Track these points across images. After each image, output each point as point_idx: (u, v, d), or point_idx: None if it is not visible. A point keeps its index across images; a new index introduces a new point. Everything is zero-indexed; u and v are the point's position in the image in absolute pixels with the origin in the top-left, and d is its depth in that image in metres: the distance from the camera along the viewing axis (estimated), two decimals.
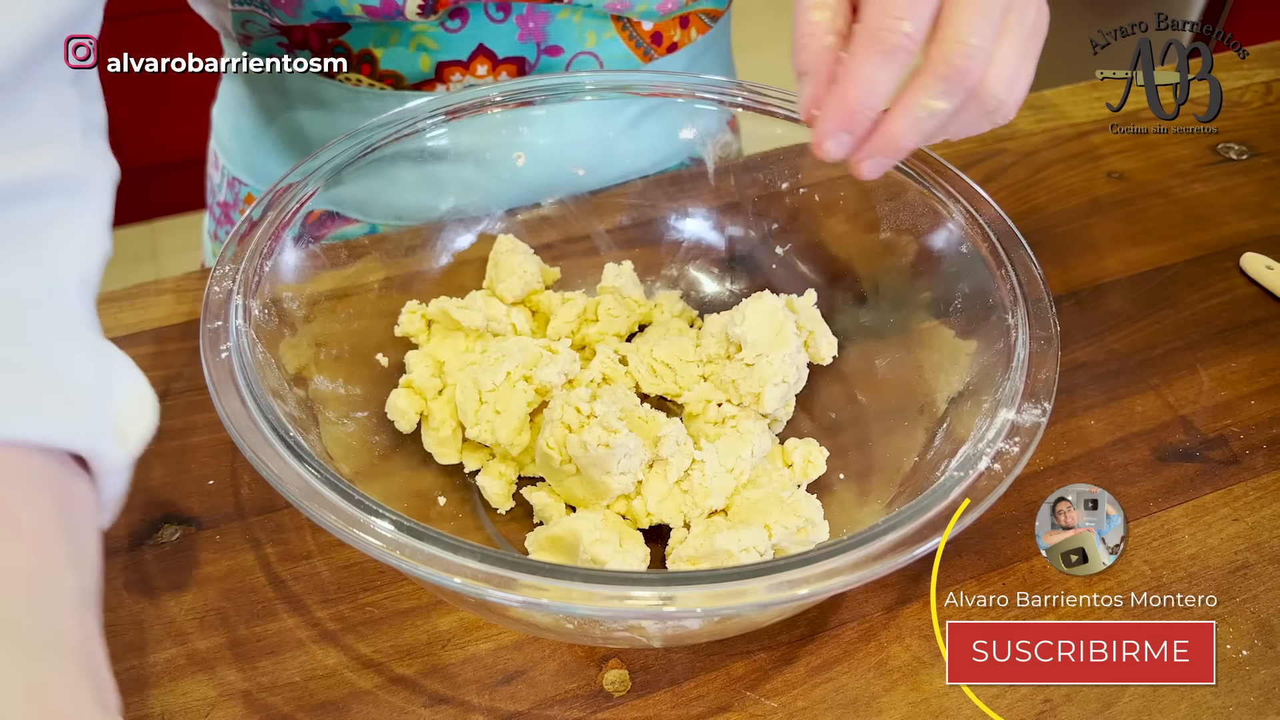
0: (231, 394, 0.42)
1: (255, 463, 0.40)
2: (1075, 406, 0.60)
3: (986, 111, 0.42)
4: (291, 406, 0.47)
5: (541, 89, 0.61)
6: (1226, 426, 0.59)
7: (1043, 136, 0.82)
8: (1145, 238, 0.73)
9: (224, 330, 0.45)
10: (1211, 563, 0.52)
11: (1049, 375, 0.46)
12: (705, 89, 0.62)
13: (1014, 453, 0.43)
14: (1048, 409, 0.45)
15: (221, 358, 0.44)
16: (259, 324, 0.48)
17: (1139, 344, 0.64)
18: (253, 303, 0.48)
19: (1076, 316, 0.66)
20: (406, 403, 0.54)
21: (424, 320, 0.58)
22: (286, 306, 0.51)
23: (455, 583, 0.37)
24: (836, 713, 0.46)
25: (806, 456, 0.54)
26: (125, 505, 0.52)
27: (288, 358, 0.50)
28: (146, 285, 0.65)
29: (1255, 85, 0.89)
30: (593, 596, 0.36)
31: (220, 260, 0.48)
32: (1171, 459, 0.57)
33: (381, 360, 0.57)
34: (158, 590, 0.49)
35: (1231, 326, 0.66)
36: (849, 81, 0.41)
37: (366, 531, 0.38)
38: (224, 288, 0.47)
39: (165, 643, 0.47)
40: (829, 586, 0.37)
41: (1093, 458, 0.57)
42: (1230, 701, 0.47)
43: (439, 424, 0.54)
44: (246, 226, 0.50)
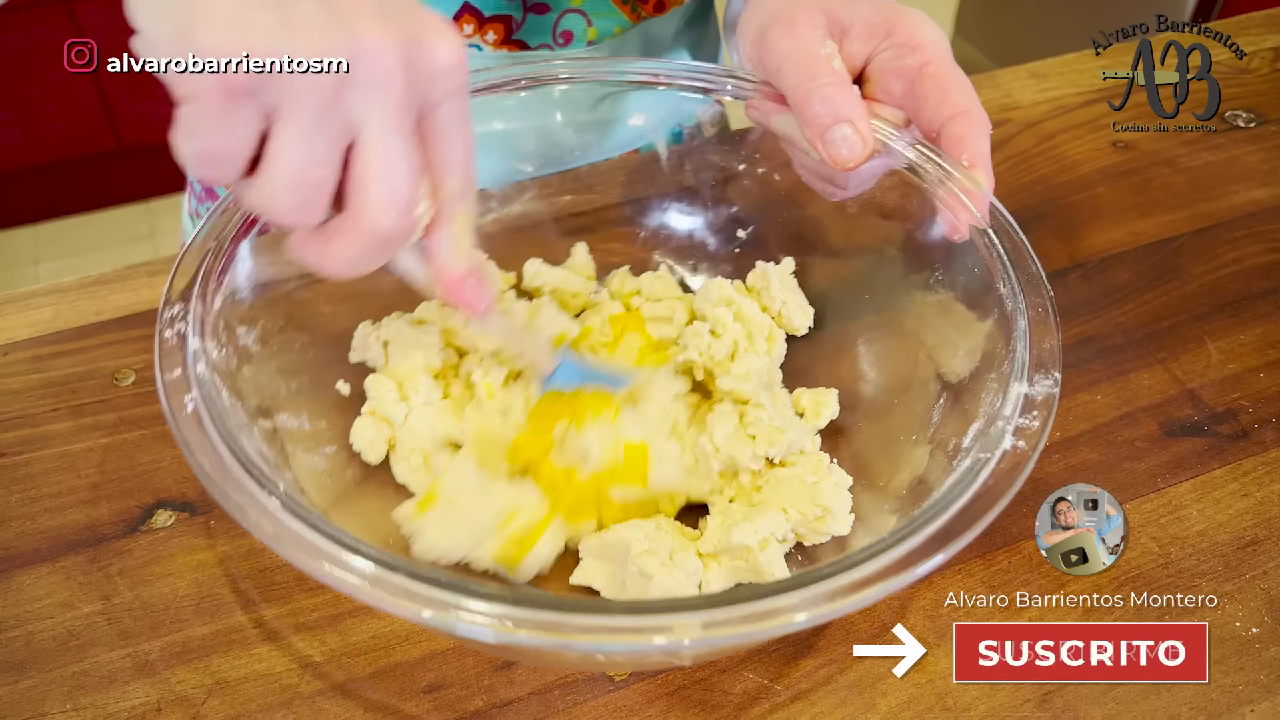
0: (208, 450, 0.39)
1: (255, 529, 0.36)
2: (1081, 381, 0.59)
3: None
4: (263, 447, 0.44)
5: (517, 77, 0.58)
6: (1235, 400, 0.58)
7: (1047, 106, 0.80)
8: (1152, 208, 0.71)
9: (185, 379, 0.41)
10: (1220, 539, 0.51)
11: (1052, 344, 0.45)
12: (686, 78, 0.58)
13: (1034, 427, 0.42)
14: (1058, 379, 0.44)
15: (189, 411, 0.40)
16: (218, 366, 0.44)
17: (1145, 316, 0.63)
18: (210, 345, 0.44)
19: (1082, 289, 0.65)
20: (373, 431, 0.51)
21: (380, 343, 0.54)
22: (243, 343, 0.47)
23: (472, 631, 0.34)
24: (841, 694, 0.45)
25: (816, 399, 0.53)
26: (117, 491, 0.52)
27: (251, 399, 0.46)
28: (138, 267, 0.64)
29: (1263, 51, 0.87)
30: (617, 630, 0.34)
31: (168, 298, 0.44)
32: (1179, 434, 0.56)
33: (342, 388, 0.53)
34: (152, 577, 0.49)
35: (1240, 298, 0.65)
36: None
37: (403, 596, 0.34)
38: (177, 330, 0.43)
39: (161, 629, 0.47)
40: (866, 596, 0.36)
41: (1099, 433, 0.56)
42: (1240, 680, 0.46)
43: (408, 452, 0.51)
44: (196, 261, 0.46)
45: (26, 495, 0.52)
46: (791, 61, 0.49)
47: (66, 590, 0.48)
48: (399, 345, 0.53)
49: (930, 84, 0.49)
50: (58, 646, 0.46)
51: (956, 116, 0.49)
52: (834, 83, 0.48)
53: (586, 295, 0.60)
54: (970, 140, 0.48)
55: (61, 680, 0.45)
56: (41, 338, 0.59)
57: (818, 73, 0.48)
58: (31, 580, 0.48)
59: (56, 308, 0.61)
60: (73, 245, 2.05)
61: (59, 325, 0.60)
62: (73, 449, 0.54)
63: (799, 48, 0.49)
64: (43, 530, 0.50)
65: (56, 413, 0.56)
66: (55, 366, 0.58)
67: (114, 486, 0.52)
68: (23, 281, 1.93)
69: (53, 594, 0.48)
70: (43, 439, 0.54)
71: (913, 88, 0.50)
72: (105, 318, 0.61)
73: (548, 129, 0.64)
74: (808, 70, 0.49)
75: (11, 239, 2.05)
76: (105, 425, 0.55)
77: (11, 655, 0.46)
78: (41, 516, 0.51)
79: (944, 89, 0.49)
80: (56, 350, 0.59)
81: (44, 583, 0.48)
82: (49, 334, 0.60)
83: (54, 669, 0.45)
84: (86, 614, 0.47)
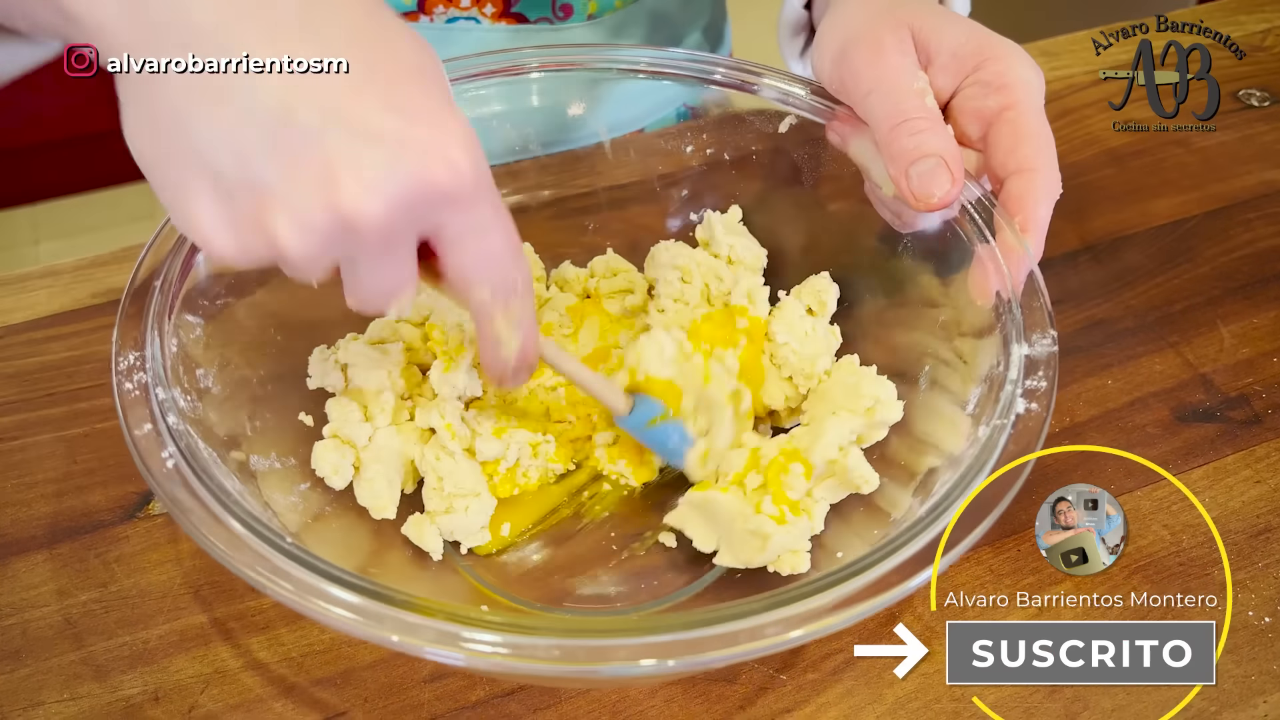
0: (196, 509, 0.37)
1: (270, 590, 0.36)
2: (1092, 366, 0.58)
3: None
4: (247, 498, 0.41)
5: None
6: (1248, 385, 0.57)
7: (1058, 85, 0.79)
8: (1164, 189, 0.70)
9: (156, 435, 0.39)
10: (1232, 526, 0.51)
11: (1041, 303, 0.44)
12: (680, 66, 0.56)
13: (1043, 388, 0.41)
14: (1055, 336, 0.43)
15: (169, 468, 0.38)
16: (187, 415, 0.41)
17: (1158, 300, 0.62)
18: (175, 393, 0.41)
19: (1093, 272, 0.64)
20: (337, 455, 0.47)
21: (339, 366, 0.50)
22: (204, 385, 0.44)
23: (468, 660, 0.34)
24: (848, 684, 0.45)
25: (815, 291, 0.54)
26: (114, 477, 0.51)
27: (224, 444, 0.44)
28: (135, 249, 0.63)
29: (1277, 29, 0.86)
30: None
31: (122, 345, 0.42)
32: (1191, 419, 0.56)
33: (306, 420, 0.50)
34: (149, 564, 0.48)
35: (1253, 281, 0.64)
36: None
37: (444, 641, 0.34)
38: (137, 382, 0.40)
39: (159, 618, 0.46)
40: (906, 587, 0.36)
41: (1110, 419, 0.56)
42: (1253, 670, 0.45)
43: (373, 475, 0.47)
44: (142, 302, 0.44)
45: (22, 481, 0.51)
46: (881, 93, 0.46)
47: (63, 578, 0.47)
48: (359, 367, 0.50)
49: (1006, 130, 0.46)
50: (54, 635, 0.45)
51: (1022, 173, 0.45)
52: (927, 118, 0.45)
53: (540, 295, 0.57)
54: (1028, 202, 0.45)
55: (58, 669, 0.44)
56: (37, 321, 0.59)
57: (909, 108, 0.45)
58: (27, 567, 0.48)
59: (51, 290, 0.60)
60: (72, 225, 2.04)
61: (54, 308, 0.59)
62: (69, 434, 0.53)
63: (889, 78, 0.46)
64: (38, 517, 0.50)
65: (52, 397, 0.55)
66: (51, 350, 0.57)
67: (110, 472, 0.52)
68: (22, 262, 1.92)
69: (49, 581, 0.47)
70: (38, 424, 0.54)
71: (988, 131, 0.47)
72: (101, 301, 0.60)
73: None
74: (898, 104, 0.45)
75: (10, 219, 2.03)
76: (101, 410, 0.54)
77: (8, 644, 0.45)
78: (37, 503, 0.50)
79: (1017, 139, 0.46)
80: (52, 334, 0.58)
81: (40, 570, 0.48)
82: (44, 317, 0.59)
83: (51, 657, 0.45)
84: (83, 601, 0.47)
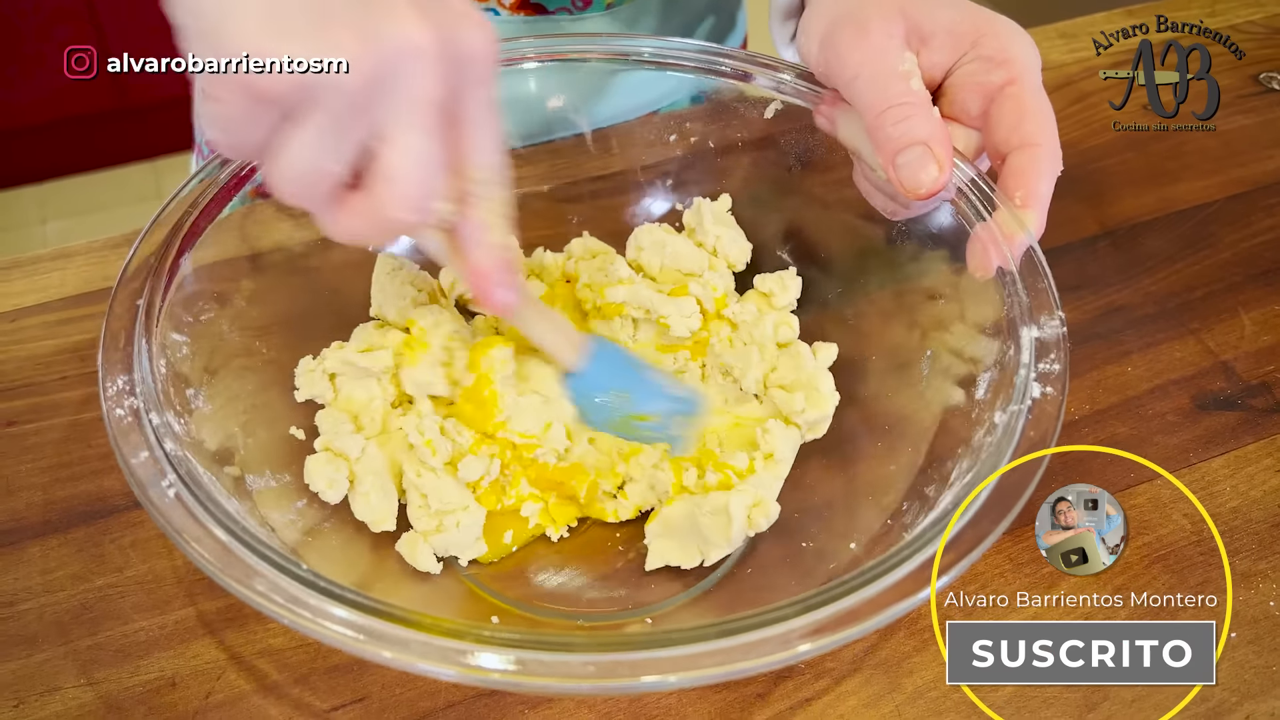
0: (202, 535, 0.36)
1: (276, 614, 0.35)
2: (1111, 353, 0.58)
3: None
4: (246, 517, 0.40)
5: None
6: (1269, 373, 0.57)
7: (1076, 67, 0.78)
8: (1184, 173, 0.69)
9: (154, 463, 0.38)
10: (1254, 516, 0.50)
11: (1045, 284, 0.44)
12: (687, 57, 0.56)
13: (1056, 370, 0.41)
14: (1063, 317, 0.43)
15: (171, 497, 0.37)
16: (182, 439, 0.40)
17: (1178, 286, 0.62)
18: (169, 417, 0.40)
19: (1112, 258, 0.63)
20: (330, 468, 0.46)
21: (326, 376, 0.50)
22: (194, 405, 0.44)
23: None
24: (867, 673, 0.45)
25: (779, 283, 0.54)
26: None
27: (217, 461, 0.43)
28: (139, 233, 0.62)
29: None
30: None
31: (109, 369, 0.41)
32: (1212, 407, 0.55)
33: (297, 434, 0.49)
34: (165, 549, 0.48)
35: (1275, 267, 0.63)
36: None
37: (446, 661, 0.34)
38: (128, 407, 0.39)
39: (175, 603, 0.46)
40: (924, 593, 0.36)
41: (1129, 406, 0.55)
42: (1274, 660, 0.45)
43: (368, 488, 0.46)
44: (124, 325, 0.43)
45: (37, 465, 0.51)
46: (866, 77, 0.46)
47: (79, 562, 0.47)
48: (347, 376, 0.49)
49: (1008, 106, 0.46)
50: (71, 620, 0.45)
51: (1025, 148, 0.45)
52: (912, 103, 0.44)
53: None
54: (1030, 177, 0.45)
55: (75, 654, 0.44)
56: (50, 303, 0.58)
57: (894, 93, 0.45)
58: (43, 552, 0.48)
59: (64, 273, 0.60)
60: (79, 204, 2.03)
61: (67, 291, 0.59)
62: (83, 418, 0.53)
63: (873, 61, 0.46)
64: (54, 501, 0.50)
65: (66, 380, 0.55)
66: (65, 333, 0.57)
67: None
68: (29, 241, 1.92)
69: (65, 566, 0.47)
70: (53, 407, 0.53)
71: (990, 107, 0.47)
72: (114, 283, 0.59)
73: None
74: (883, 90, 0.45)
75: (17, 198, 2.03)
76: None
77: (24, 628, 0.45)
78: (53, 487, 0.50)
79: (1020, 114, 0.45)
80: (65, 316, 0.58)
81: (56, 554, 0.48)
82: (57, 300, 0.58)
83: (67, 642, 0.45)
84: (100, 586, 0.47)
